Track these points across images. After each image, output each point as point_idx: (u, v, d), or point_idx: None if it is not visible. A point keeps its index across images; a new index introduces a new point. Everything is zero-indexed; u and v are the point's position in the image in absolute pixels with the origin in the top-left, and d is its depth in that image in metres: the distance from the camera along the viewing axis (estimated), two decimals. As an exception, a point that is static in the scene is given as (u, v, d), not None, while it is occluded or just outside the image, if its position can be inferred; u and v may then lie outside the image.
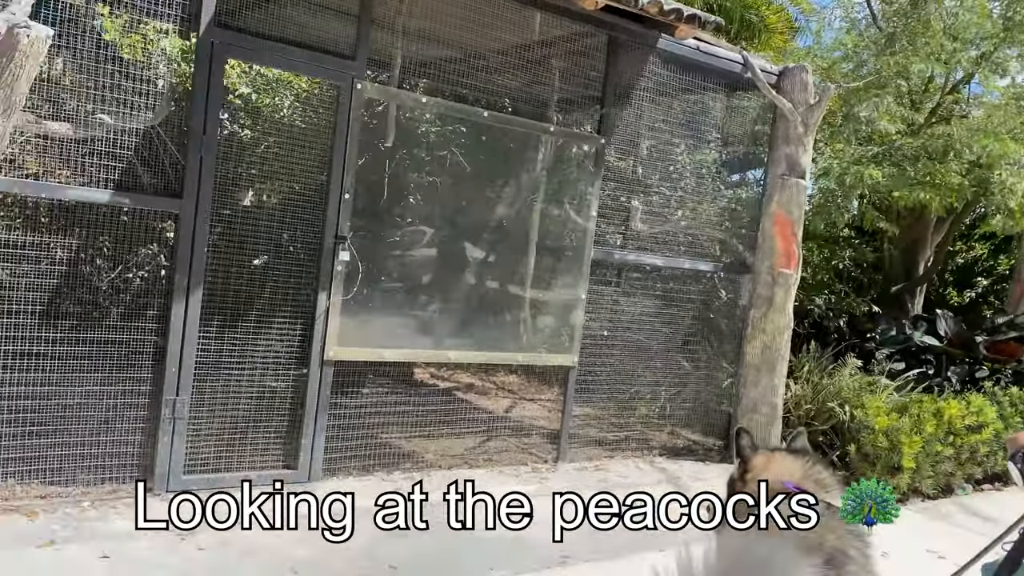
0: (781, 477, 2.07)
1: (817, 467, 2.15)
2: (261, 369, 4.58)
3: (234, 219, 4.53)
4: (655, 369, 6.73)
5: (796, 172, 6.36)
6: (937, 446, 6.09)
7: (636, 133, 6.51)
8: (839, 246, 9.57)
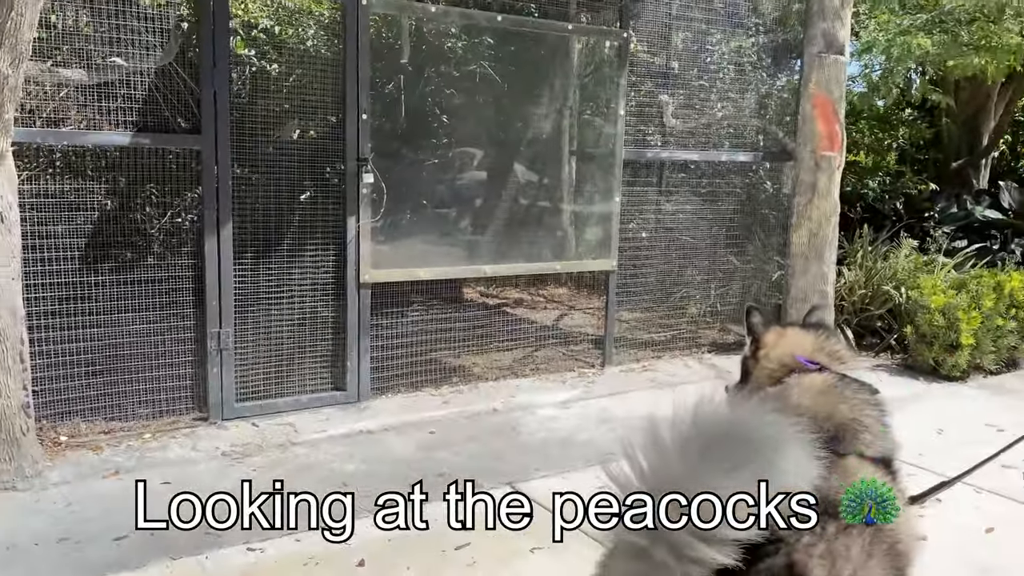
0: (793, 351, 2.02)
1: (830, 340, 2.08)
2: (299, 296, 4.68)
3: (257, 151, 4.55)
4: (701, 267, 6.64)
5: (834, 48, 6.03)
6: (998, 320, 5.89)
7: (663, 24, 6.26)
8: (892, 125, 9.13)
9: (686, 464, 1.37)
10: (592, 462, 4.19)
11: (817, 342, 2.05)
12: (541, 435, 4.58)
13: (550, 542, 3.30)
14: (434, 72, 5.79)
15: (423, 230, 5.17)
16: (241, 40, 5.79)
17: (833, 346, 2.05)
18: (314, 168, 4.72)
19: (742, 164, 6.64)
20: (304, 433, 4.41)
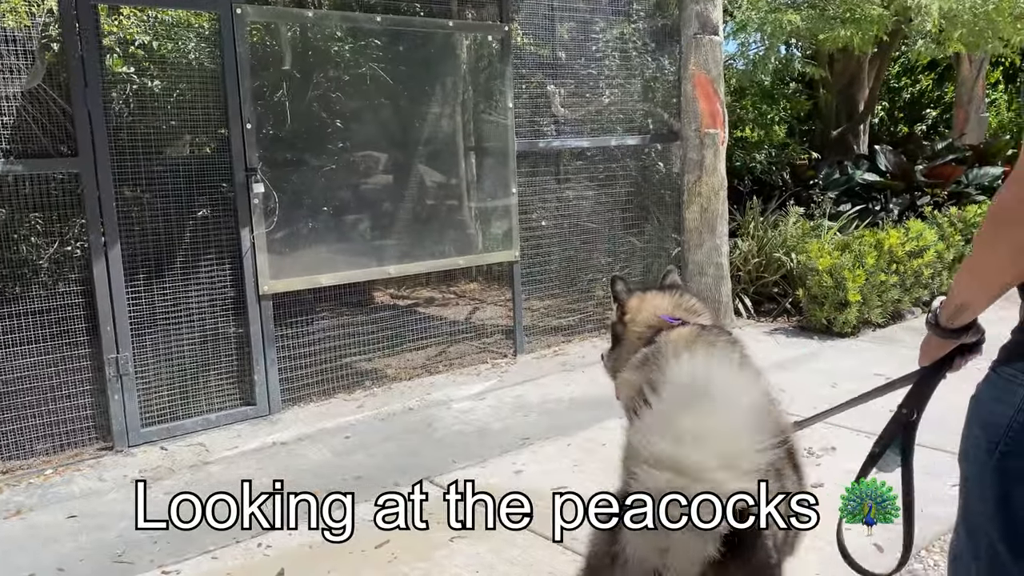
0: (655, 311, 2.19)
1: (686, 297, 2.27)
2: (198, 313, 4.59)
3: (142, 169, 4.44)
4: (604, 250, 6.80)
5: (709, 29, 6.28)
6: (881, 276, 6.25)
7: (546, 16, 6.38)
8: (774, 99, 9.53)
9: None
10: (508, 449, 4.27)
11: (675, 300, 2.24)
12: (457, 428, 4.64)
13: (471, 530, 3.37)
14: (323, 77, 5.75)
15: (323, 236, 5.14)
16: (118, 58, 5.63)
17: (688, 302, 2.24)
18: (203, 182, 4.63)
19: (634, 147, 6.83)
20: (216, 451, 4.34)
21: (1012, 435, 1.42)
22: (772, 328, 6.59)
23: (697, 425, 1.46)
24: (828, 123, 10.57)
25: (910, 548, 1.87)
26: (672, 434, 1.47)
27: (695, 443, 1.44)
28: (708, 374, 1.53)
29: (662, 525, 1.43)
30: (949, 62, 12.96)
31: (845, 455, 3.98)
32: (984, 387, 1.53)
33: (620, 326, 2.26)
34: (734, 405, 1.51)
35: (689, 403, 1.50)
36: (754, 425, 1.49)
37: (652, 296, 2.27)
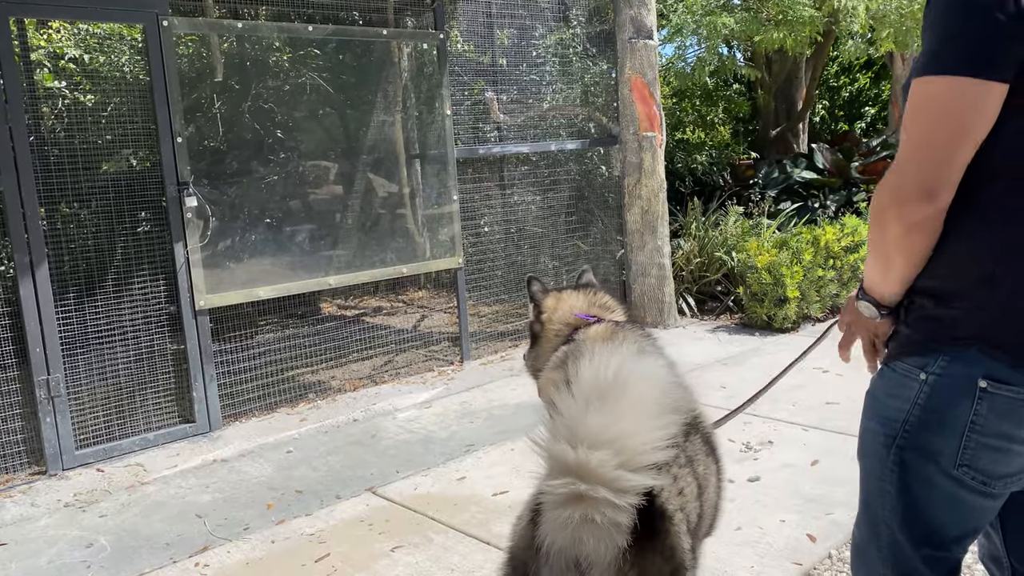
0: (572, 310, 2.24)
1: (599, 295, 2.33)
2: (132, 331, 4.50)
3: (69, 186, 4.35)
4: (550, 254, 6.84)
5: (643, 33, 6.36)
6: (818, 271, 6.39)
7: (484, 24, 6.41)
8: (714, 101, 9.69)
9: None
10: (453, 456, 4.27)
11: (589, 298, 2.30)
12: (402, 437, 4.62)
13: (412, 539, 3.36)
14: (260, 87, 5.69)
15: (261, 248, 5.08)
16: (48, 72, 5.51)
17: (603, 299, 2.30)
18: (135, 197, 4.55)
19: (575, 152, 6.89)
20: (154, 471, 4.26)
21: (908, 429, 1.47)
22: (715, 326, 6.69)
23: (595, 426, 1.50)
24: (768, 123, 10.78)
25: None
26: (572, 437, 1.51)
27: (594, 445, 1.49)
28: (608, 372, 1.57)
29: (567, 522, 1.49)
30: (884, 61, 13.32)
31: (782, 449, 4.06)
32: (879, 382, 1.57)
33: (538, 325, 2.30)
34: (632, 402, 1.55)
35: (588, 404, 1.53)
36: (654, 421, 1.53)
37: (567, 295, 2.32)
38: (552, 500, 1.54)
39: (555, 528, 1.53)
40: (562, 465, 1.53)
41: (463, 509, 3.62)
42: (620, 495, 1.51)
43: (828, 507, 3.40)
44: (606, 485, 1.50)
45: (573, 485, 1.51)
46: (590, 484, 1.50)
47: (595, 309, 2.27)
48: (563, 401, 1.60)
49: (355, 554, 3.26)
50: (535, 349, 2.34)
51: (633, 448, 1.52)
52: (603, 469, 1.49)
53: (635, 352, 1.94)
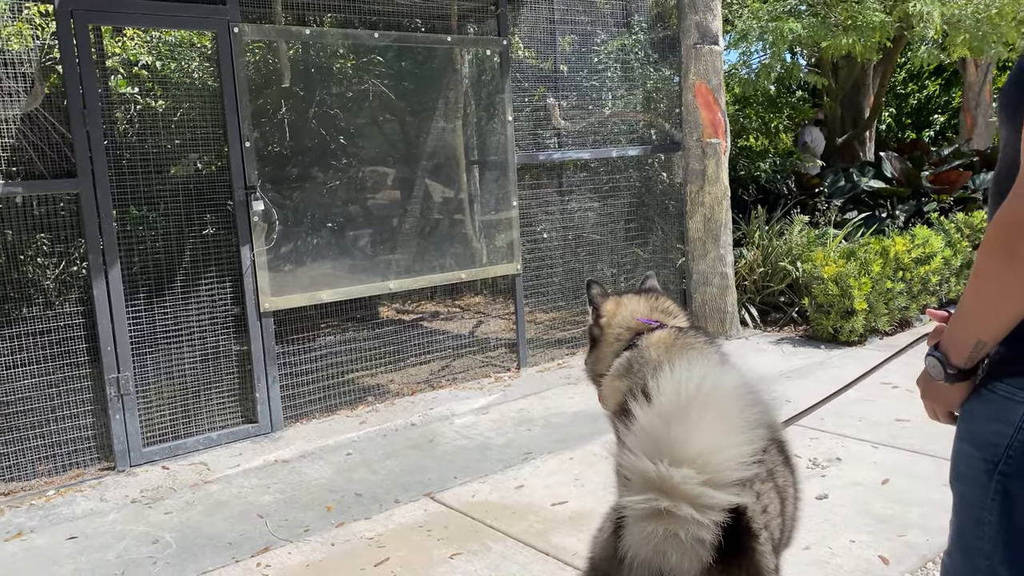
0: (633, 315, 2.20)
1: (661, 299, 2.29)
2: (199, 332, 4.59)
3: (142, 189, 4.46)
4: (608, 262, 6.78)
5: (708, 39, 6.27)
6: (887, 283, 6.20)
7: (546, 30, 6.40)
8: (779, 108, 9.51)
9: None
10: (510, 463, 4.24)
11: (651, 303, 2.26)
12: (460, 443, 4.61)
13: (471, 547, 3.34)
14: (325, 93, 5.78)
15: (324, 252, 5.14)
16: (122, 79, 5.68)
17: (665, 304, 2.26)
18: (204, 201, 4.65)
19: (636, 158, 6.83)
20: (217, 470, 4.33)
21: (1012, 455, 1.37)
22: (778, 338, 6.54)
23: (678, 441, 1.47)
24: (833, 130, 10.53)
25: None
26: (654, 451, 1.48)
27: (677, 461, 1.45)
28: (690, 385, 1.54)
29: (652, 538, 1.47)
30: (955, 67, 12.91)
31: (851, 466, 3.93)
32: (976, 404, 1.47)
33: (597, 329, 2.27)
34: (717, 416, 1.51)
35: (670, 418, 1.50)
36: (739, 436, 1.50)
37: (628, 299, 2.28)
38: (634, 515, 1.51)
39: (638, 541, 1.51)
40: (643, 480, 1.51)
41: (521, 518, 3.59)
42: (704, 512, 1.48)
43: (901, 528, 3.27)
44: (690, 502, 1.47)
45: (655, 501, 1.48)
46: (673, 501, 1.47)
47: (657, 314, 2.22)
48: (643, 414, 1.57)
49: (414, 559, 3.25)
50: (594, 354, 2.31)
51: (718, 464, 1.48)
52: (687, 486, 1.46)
53: (716, 364, 1.89)
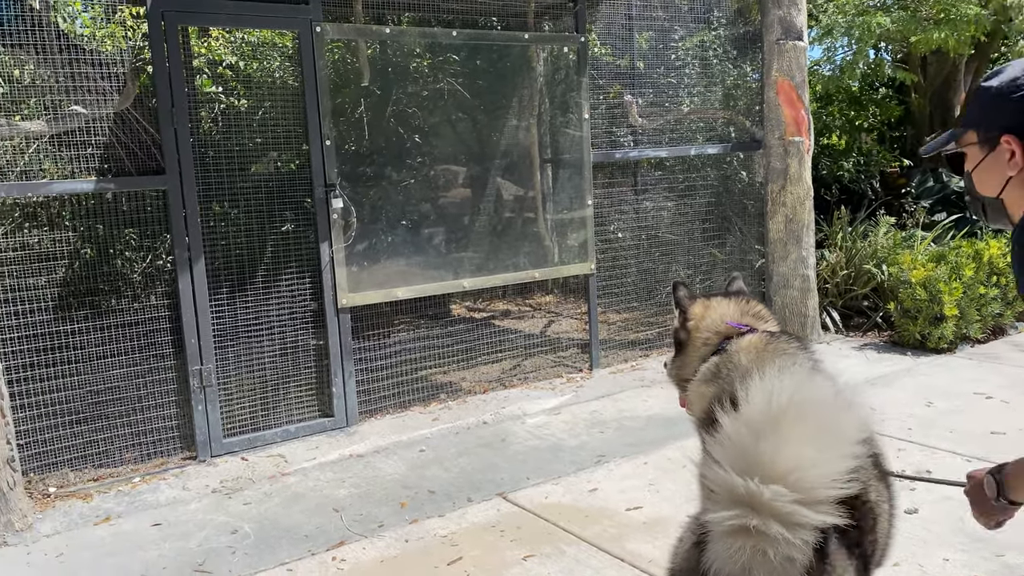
0: (723, 318, 2.12)
1: (751, 303, 2.20)
2: (279, 326, 4.68)
3: (226, 186, 4.56)
4: (683, 262, 6.66)
5: (792, 34, 6.08)
6: (980, 288, 5.91)
7: (624, 26, 6.31)
8: (863, 105, 9.17)
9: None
10: (583, 466, 4.19)
11: (741, 307, 2.17)
12: (532, 443, 4.58)
13: (544, 549, 3.30)
14: (401, 92, 5.82)
15: (400, 250, 5.18)
16: (207, 79, 5.83)
17: (755, 308, 2.17)
18: (285, 198, 4.74)
19: (714, 157, 6.68)
20: (294, 463, 4.40)
21: None
22: (862, 343, 6.31)
23: (769, 456, 1.40)
24: (921, 129, 10.10)
25: None
26: (742, 466, 1.41)
27: (768, 477, 1.39)
28: (781, 397, 1.46)
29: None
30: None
31: (942, 480, 3.75)
32: None
33: (683, 332, 2.19)
34: (811, 430, 1.44)
35: (760, 431, 1.43)
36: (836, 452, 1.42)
37: (717, 302, 2.20)
38: (720, 530, 1.45)
39: (723, 558, 1.44)
40: (731, 495, 1.44)
41: (595, 522, 3.54)
42: (795, 531, 1.40)
43: (998, 548, 3.10)
44: (780, 520, 1.40)
45: (743, 519, 1.41)
46: (762, 519, 1.40)
47: (747, 318, 2.13)
48: (731, 424, 1.50)
49: (487, 560, 3.24)
50: (680, 357, 2.24)
51: (812, 481, 1.41)
52: (777, 503, 1.39)
53: (809, 374, 1.81)
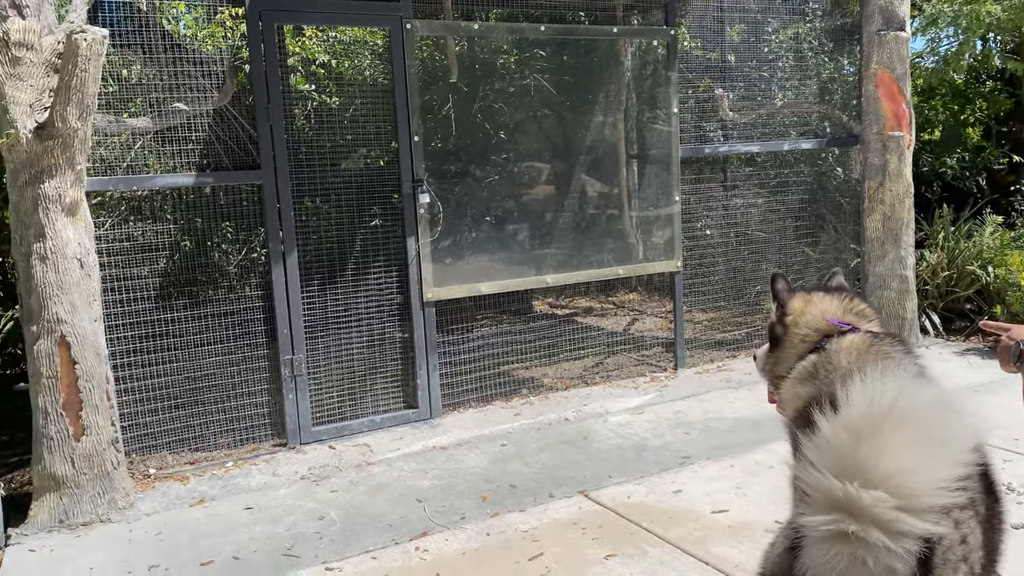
0: (823, 315, 2.03)
1: (855, 301, 2.10)
2: (367, 318, 4.77)
3: (317, 181, 4.68)
4: (774, 261, 6.47)
5: (894, 24, 5.83)
6: (1098, 293, 5.54)
7: (715, 18, 6.18)
8: (969, 99, 8.71)
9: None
10: (667, 466, 4.12)
11: (844, 304, 2.08)
12: (614, 442, 4.53)
13: (626, 549, 3.26)
14: (488, 89, 5.85)
15: (484, 245, 5.21)
16: (301, 77, 5.99)
17: (859, 306, 2.09)
18: (373, 193, 4.82)
19: (808, 152, 6.47)
20: (379, 452, 4.48)
21: None
22: (964, 348, 6.00)
23: (870, 461, 1.34)
24: (1033, 123, 9.53)
25: None
26: (841, 470, 1.36)
27: (868, 482, 1.33)
28: (884, 400, 1.40)
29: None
30: None
31: (1054, 495, 3.53)
32: None
33: (780, 328, 2.11)
34: (915, 436, 1.37)
35: (861, 435, 1.37)
36: (942, 459, 1.35)
37: (818, 298, 2.10)
38: (816, 535, 1.39)
39: (819, 564, 1.39)
40: (828, 499, 1.39)
41: (679, 524, 3.47)
42: (897, 539, 1.34)
43: (1117, 571, 2.89)
44: (881, 527, 1.34)
45: (841, 524, 1.36)
46: (862, 525, 1.34)
47: (850, 316, 2.04)
48: (829, 427, 1.44)
49: (568, 557, 3.22)
50: (775, 353, 2.16)
51: (915, 488, 1.34)
52: (878, 509, 1.33)
53: (914, 377, 1.73)
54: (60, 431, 3.70)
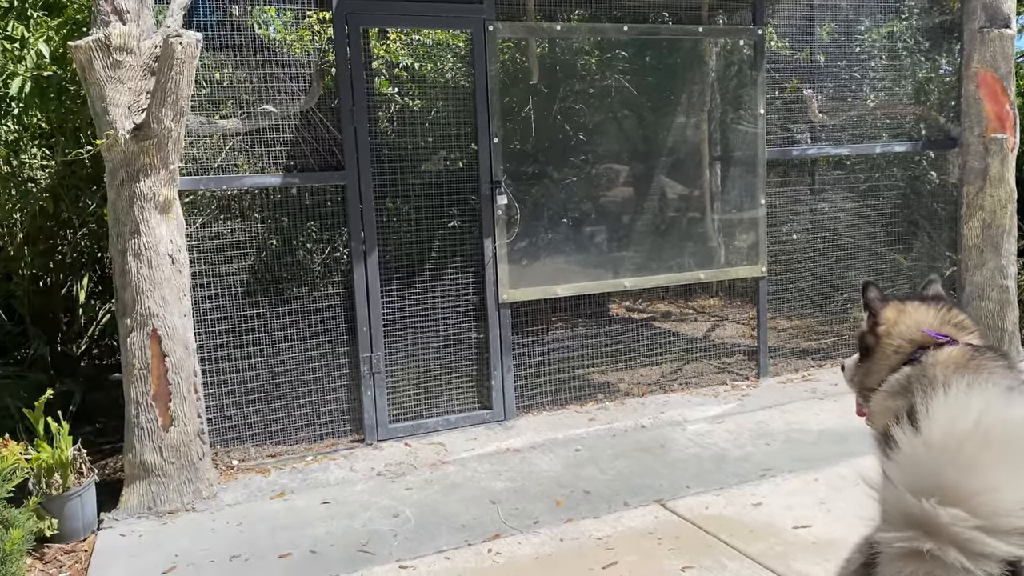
0: (919, 326, 1.92)
1: (953, 311, 1.98)
2: (443, 318, 4.80)
3: (398, 182, 4.73)
4: (863, 268, 6.24)
5: (998, 21, 5.54)
6: None
7: (804, 17, 5.99)
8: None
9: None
10: (747, 478, 4.01)
11: (941, 314, 1.97)
12: (692, 451, 4.43)
13: (703, 562, 3.18)
14: (568, 90, 5.82)
15: (560, 247, 5.17)
16: (384, 80, 6.09)
17: (957, 317, 1.97)
18: (452, 194, 4.85)
19: (902, 155, 6.21)
20: (453, 452, 4.50)
21: None
22: (1070, 364, 5.65)
23: (950, 478, 1.27)
24: None
25: None
26: (918, 486, 1.29)
27: (947, 500, 1.25)
28: (968, 416, 1.31)
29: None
30: None
31: None
32: None
33: (871, 337, 2.01)
34: (1001, 453, 1.28)
35: (942, 450, 1.29)
36: None
37: (913, 307, 1.99)
38: (890, 552, 1.33)
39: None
40: (903, 516, 1.32)
41: (759, 538, 3.36)
42: (977, 560, 1.26)
43: None
44: (959, 547, 1.26)
45: (916, 541, 1.29)
46: (938, 543, 1.27)
47: (948, 328, 1.93)
48: (909, 442, 1.37)
49: (643, 567, 3.16)
50: (865, 364, 2.06)
51: (997, 507, 1.26)
52: (957, 528, 1.26)
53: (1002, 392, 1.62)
54: (150, 421, 3.84)
